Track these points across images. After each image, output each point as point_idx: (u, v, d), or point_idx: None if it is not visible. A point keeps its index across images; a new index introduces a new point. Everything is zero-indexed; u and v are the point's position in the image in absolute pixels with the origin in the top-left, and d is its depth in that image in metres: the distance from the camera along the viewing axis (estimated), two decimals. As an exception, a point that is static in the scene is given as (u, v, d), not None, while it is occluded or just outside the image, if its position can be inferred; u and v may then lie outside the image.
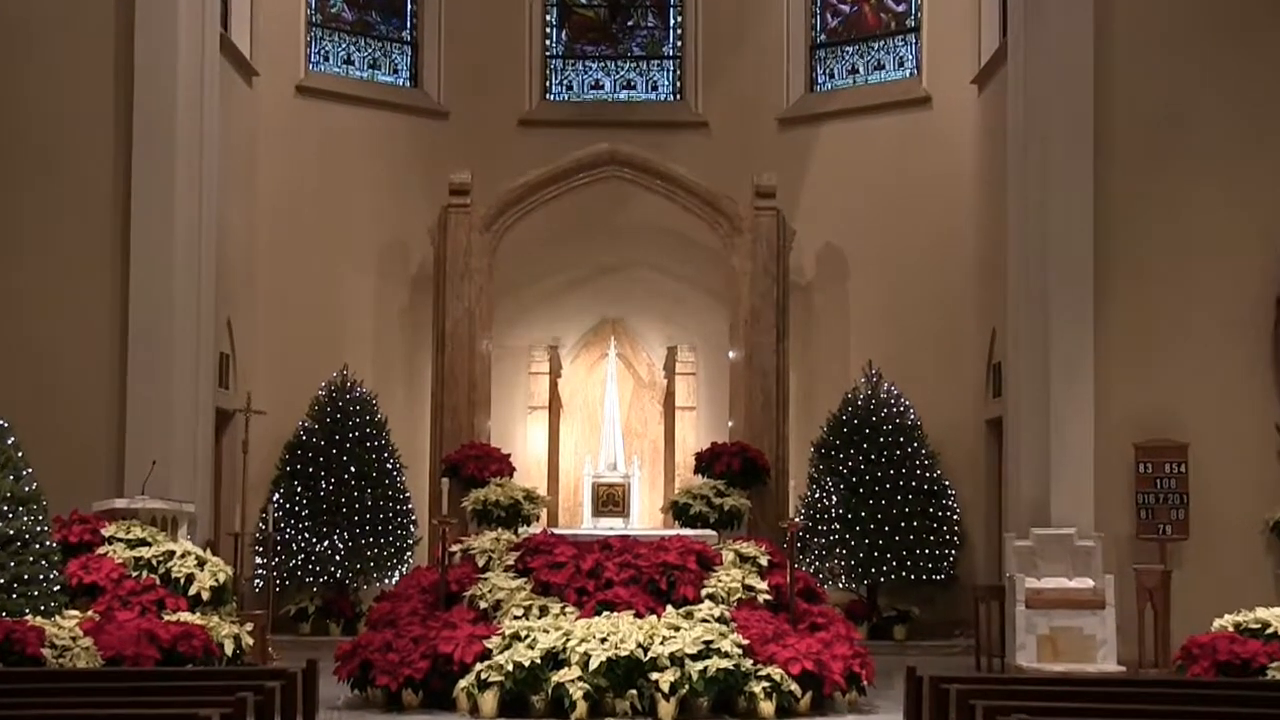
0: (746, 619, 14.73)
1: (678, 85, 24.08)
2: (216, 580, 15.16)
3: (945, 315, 21.62)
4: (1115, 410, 17.58)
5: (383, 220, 22.52)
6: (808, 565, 20.28)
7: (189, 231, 18.04)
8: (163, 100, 17.83)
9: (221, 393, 19.73)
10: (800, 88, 23.46)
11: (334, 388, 21.19)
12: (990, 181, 20.36)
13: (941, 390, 21.34)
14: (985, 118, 20.99)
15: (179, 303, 17.83)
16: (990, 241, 20.27)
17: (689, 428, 22.15)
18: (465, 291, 21.22)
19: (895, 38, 22.95)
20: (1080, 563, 16.89)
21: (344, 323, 22.24)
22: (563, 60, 24.20)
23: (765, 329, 21.17)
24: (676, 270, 22.87)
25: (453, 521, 18.27)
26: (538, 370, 22.39)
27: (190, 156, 18.09)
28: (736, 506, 20.02)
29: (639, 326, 23.02)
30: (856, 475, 20.61)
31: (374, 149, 22.62)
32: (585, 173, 21.74)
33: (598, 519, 20.33)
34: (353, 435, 20.88)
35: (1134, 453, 17.58)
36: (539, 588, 15.39)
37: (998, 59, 20.13)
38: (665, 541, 16.06)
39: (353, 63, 23.13)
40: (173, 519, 16.25)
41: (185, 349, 17.91)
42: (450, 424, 21.03)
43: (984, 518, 20.78)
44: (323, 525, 20.52)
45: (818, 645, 14.46)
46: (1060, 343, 17.61)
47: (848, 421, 20.95)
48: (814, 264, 22.80)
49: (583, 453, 21.79)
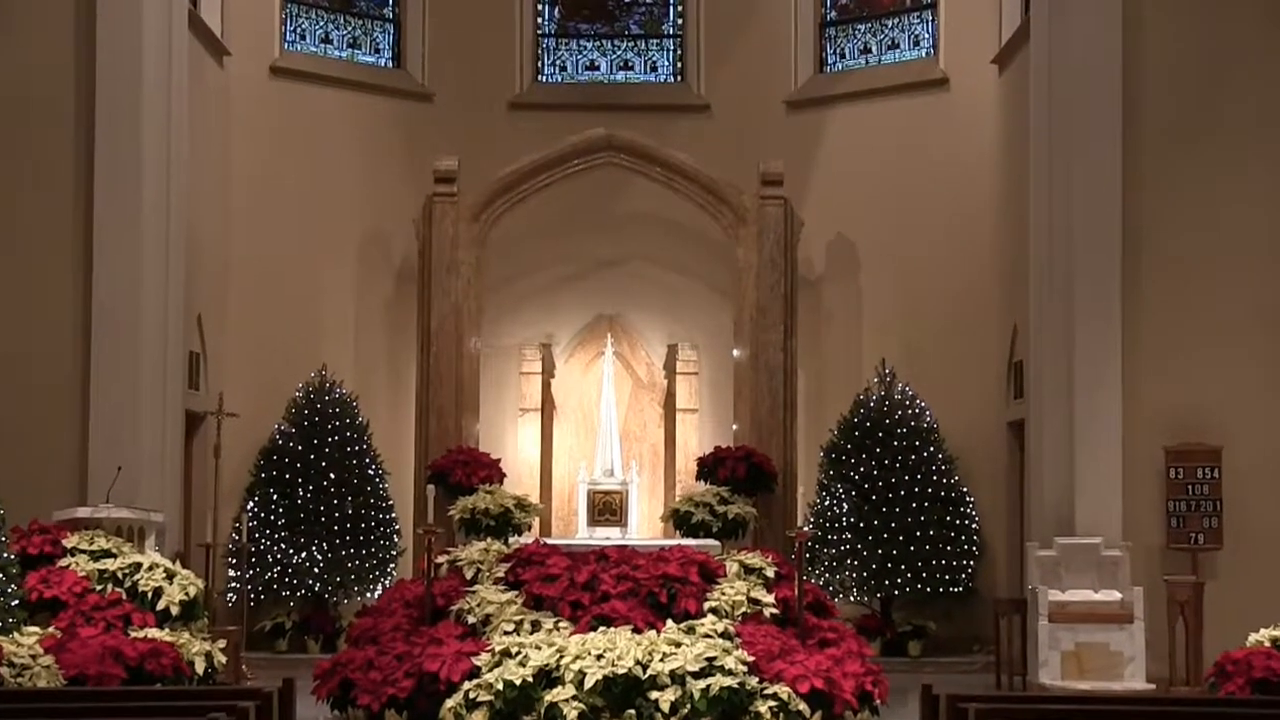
0: (752, 634, 14.73)
1: (678, 66, 24.07)
2: (186, 594, 15.16)
3: (963, 311, 21.62)
4: (1144, 412, 17.58)
5: (363, 210, 22.52)
6: (817, 577, 20.28)
7: (156, 222, 18.04)
8: (127, 82, 17.81)
9: (191, 394, 19.72)
10: (809, 68, 23.46)
11: (312, 389, 21.19)
12: (1011, 168, 20.37)
13: (959, 391, 21.34)
14: (1006, 100, 20.98)
15: (146, 298, 17.81)
16: (1011, 232, 20.28)
17: (690, 431, 22.15)
18: (452, 286, 21.22)
19: (910, 15, 22.94)
20: (1107, 574, 16.88)
21: (322, 320, 22.24)
22: (555, 39, 24.19)
23: (772, 326, 21.19)
24: (677, 263, 22.88)
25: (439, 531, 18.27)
26: (529, 370, 22.36)
27: (157, 143, 18.08)
28: (741, 515, 20.07)
29: (637, 323, 23.03)
30: (869, 481, 20.62)
31: (354, 134, 22.62)
32: (580, 159, 21.75)
33: (593, 528, 20.35)
34: (332, 440, 20.88)
35: (1164, 457, 17.59)
36: (531, 601, 15.40)
37: (1020, 37, 20.12)
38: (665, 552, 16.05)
39: (331, 41, 23.11)
40: (140, 529, 16.26)
41: (152, 347, 17.89)
42: (436, 427, 21.04)
43: (1005, 526, 20.80)
44: (300, 535, 20.52)
45: (828, 662, 14.46)
46: (1086, 340, 17.62)
47: (860, 424, 20.96)
48: (824, 256, 22.81)
49: (577, 458, 21.78)
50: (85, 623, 14.42)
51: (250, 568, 20.12)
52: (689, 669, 13.93)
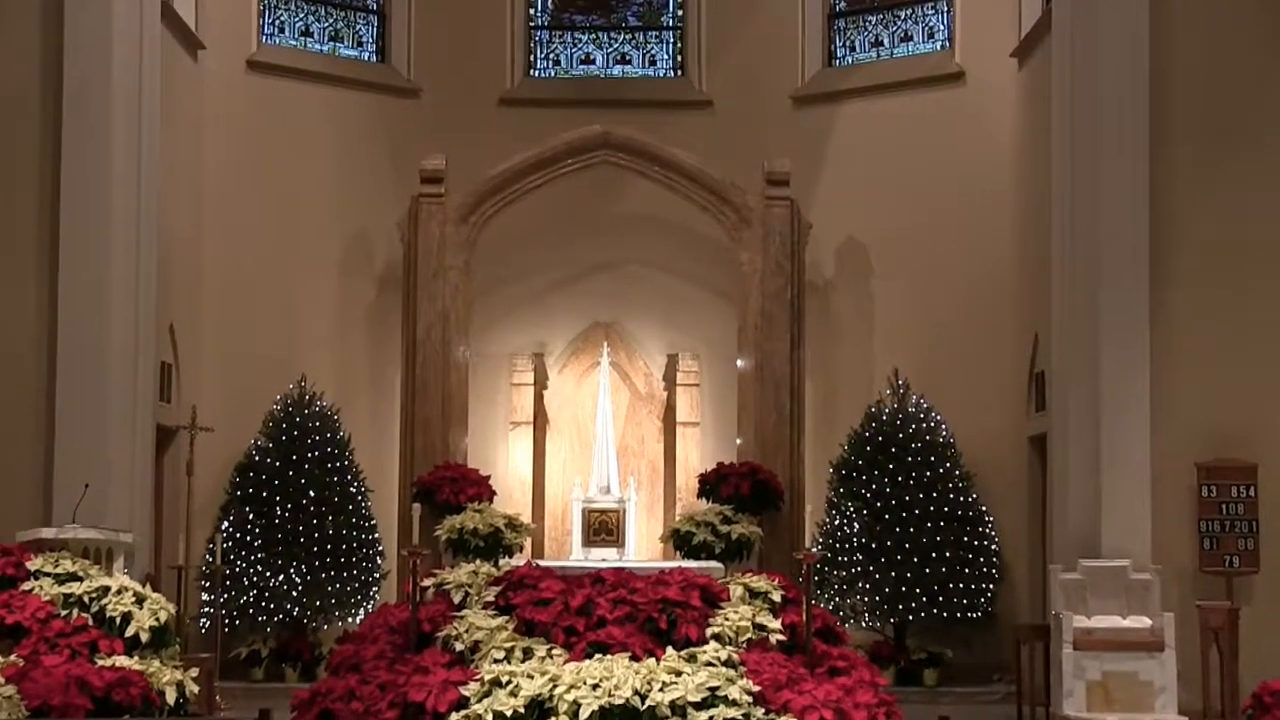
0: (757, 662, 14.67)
1: (679, 59, 24.04)
2: (157, 620, 15.06)
3: (981, 318, 21.60)
4: (1175, 425, 17.53)
5: (345, 212, 22.50)
6: (826, 601, 20.22)
7: (126, 225, 18.00)
8: (96, 77, 17.78)
9: (163, 407, 19.68)
10: (817, 62, 23.44)
11: (290, 401, 21.15)
12: (1032, 168, 20.33)
13: (977, 403, 21.30)
14: (1027, 96, 20.96)
15: (114, 305, 17.78)
16: (1032, 235, 20.24)
17: (692, 446, 22.13)
18: (439, 292, 21.22)
19: (925, 5, 22.91)
20: (1136, 599, 16.84)
21: (302, 328, 22.20)
22: (548, 31, 24.17)
23: (778, 334, 21.17)
24: (677, 268, 22.85)
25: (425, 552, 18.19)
26: (521, 381, 22.37)
27: (127, 141, 18.06)
28: (745, 535, 20.03)
29: (635, 331, 23.01)
30: (881, 500, 20.57)
31: (335, 132, 22.59)
32: (574, 158, 21.75)
33: (589, 549, 20.42)
34: (312, 455, 20.83)
35: (1196, 473, 17.55)
36: (522, 627, 15.33)
37: (1041, 29, 20.10)
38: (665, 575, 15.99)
39: (311, 34, 23.09)
40: (107, 550, 16.09)
41: (121, 357, 17.85)
42: (422, 442, 21.03)
43: (1026, 548, 20.74)
44: (278, 557, 20.45)
45: (838, 692, 14.38)
46: (1112, 349, 17.56)
47: (871, 439, 20.91)
48: (833, 261, 22.78)
49: (572, 474, 21.79)
50: (49, 650, 14.30)
51: (225, 591, 20.00)
52: (690, 699, 13.85)
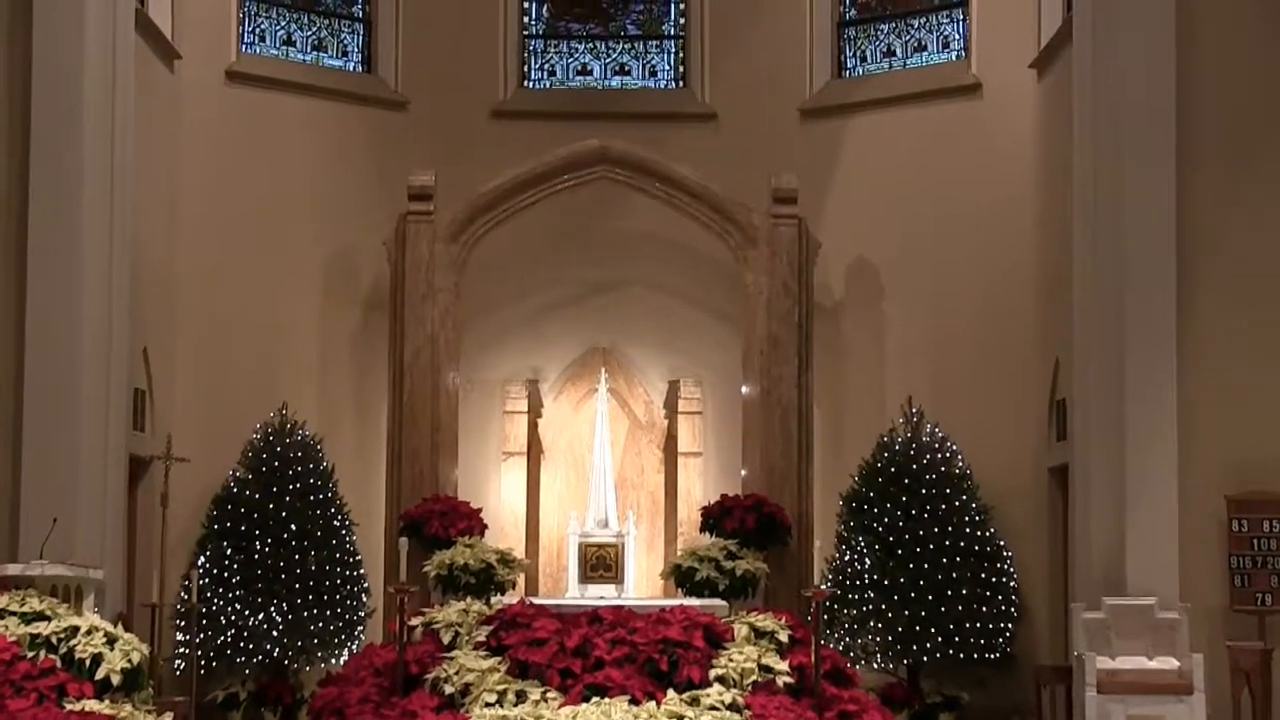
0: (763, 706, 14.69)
1: (680, 70, 24.05)
2: (129, 661, 15.04)
3: (999, 343, 21.58)
4: (1204, 456, 17.53)
5: (329, 230, 22.47)
6: (836, 642, 20.19)
7: (97, 244, 17.97)
8: (66, 89, 17.75)
9: (136, 436, 19.63)
10: (826, 73, 23.46)
11: (271, 430, 21.10)
12: (1052, 184, 20.32)
13: (995, 432, 21.28)
14: (1046, 108, 20.96)
15: (85, 329, 17.73)
16: (1053, 255, 20.23)
17: (694, 477, 22.11)
18: (427, 315, 21.20)
19: (939, 14, 22.94)
20: (1162, 639, 16.83)
21: (283, 353, 22.16)
22: (544, 40, 24.18)
23: (785, 359, 21.16)
24: (679, 289, 22.85)
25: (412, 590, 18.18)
26: (514, 409, 22.33)
27: (99, 156, 18.03)
28: (751, 571, 20.01)
29: (635, 356, 22.98)
30: (894, 534, 20.52)
31: (319, 146, 22.58)
32: (571, 174, 21.75)
33: (585, 586, 20.35)
34: (293, 487, 20.77)
35: (1226, 507, 17.53)
36: (516, 669, 15.37)
37: (1061, 38, 20.09)
38: (666, 613, 16.05)
39: (294, 44, 23.09)
40: (77, 588, 16.11)
41: (92, 384, 17.80)
42: (410, 473, 21.00)
43: (1047, 585, 20.70)
44: (257, 594, 20.37)
45: (849, 738, 14.39)
46: (1137, 375, 17.56)
47: (883, 469, 20.88)
48: (842, 282, 22.77)
49: (568, 507, 21.73)
50: (15, 694, 14.29)
51: (201, 631, 19.96)
52: (694, 746, 13.86)
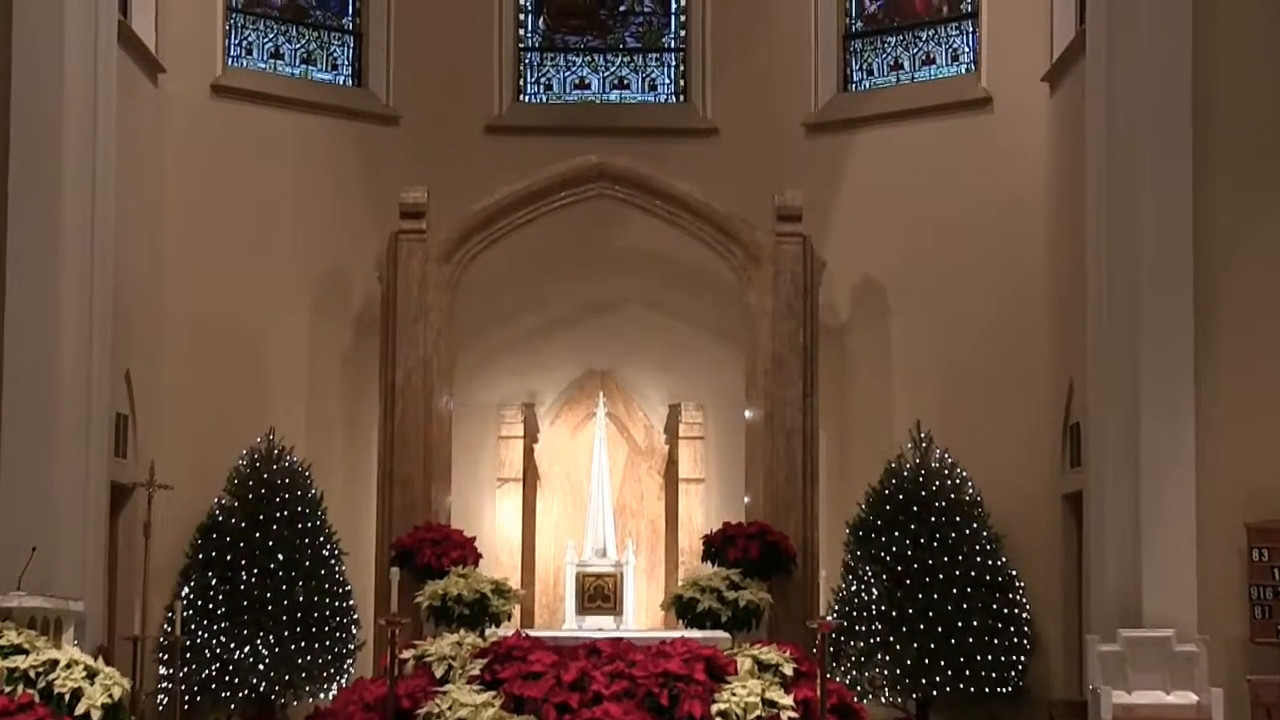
0: (768, 743, 14.62)
1: (681, 84, 24.05)
2: (110, 696, 15.04)
3: (1011, 365, 21.56)
4: (1222, 483, 17.49)
5: (318, 249, 22.48)
6: (843, 675, 20.16)
7: (77, 264, 17.94)
8: (46, 103, 17.74)
9: (118, 463, 19.61)
10: (831, 87, 23.47)
11: (258, 456, 21.08)
12: (1065, 201, 20.31)
13: (1007, 458, 21.24)
14: (1059, 122, 20.94)
15: (64, 352, 17.69)
16: (1066, 274, 20.22)
17: (695, 504, 22.12)
18: (420, 337, 21.18)
19: (948, 26, 22.96)
20: (1180, 672, 16.80)
21: (270, 376, 22.16)
22: (540, 53, 24.21)
23: (789, 382, 21.14)
24: (680, 310, 22.85)
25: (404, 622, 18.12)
26: (509, 434, 22.36)
27: (81, 171, 18.01)
28: (754, 602, 19.96)
29: (634, 380, 22.99)
30: (902, 563, 20.47)
31: (308, 162, 22.58)
32: (568, 191, 21.77)
33: (583, 618, 20.41)
34: (280, 515, 20.75)
35: (1246, 535, 17.47)
36: (511, 704, 15.33)
37: (1074, 50, 20.08)
38: (666, 646, 16.02)
39: (282, 57, 23.10)
40: (56, 620, 16.17)
41: (72, 408, 17.76)
42: (401, 501, 20.98)
43: (1060, 616, 20.66)
44: (243, 626, 20.35)
45: (856, 776, 14.33)
46: (1153, 399, 17.52)
47: (891, 497, 20.84)
48: (848, 302, 22.76)
49: (565, 536, 21.73)
50: (-9, 731, 14.26)
51: (185, 664, 19.94)
52: (695, 785, 13.80)
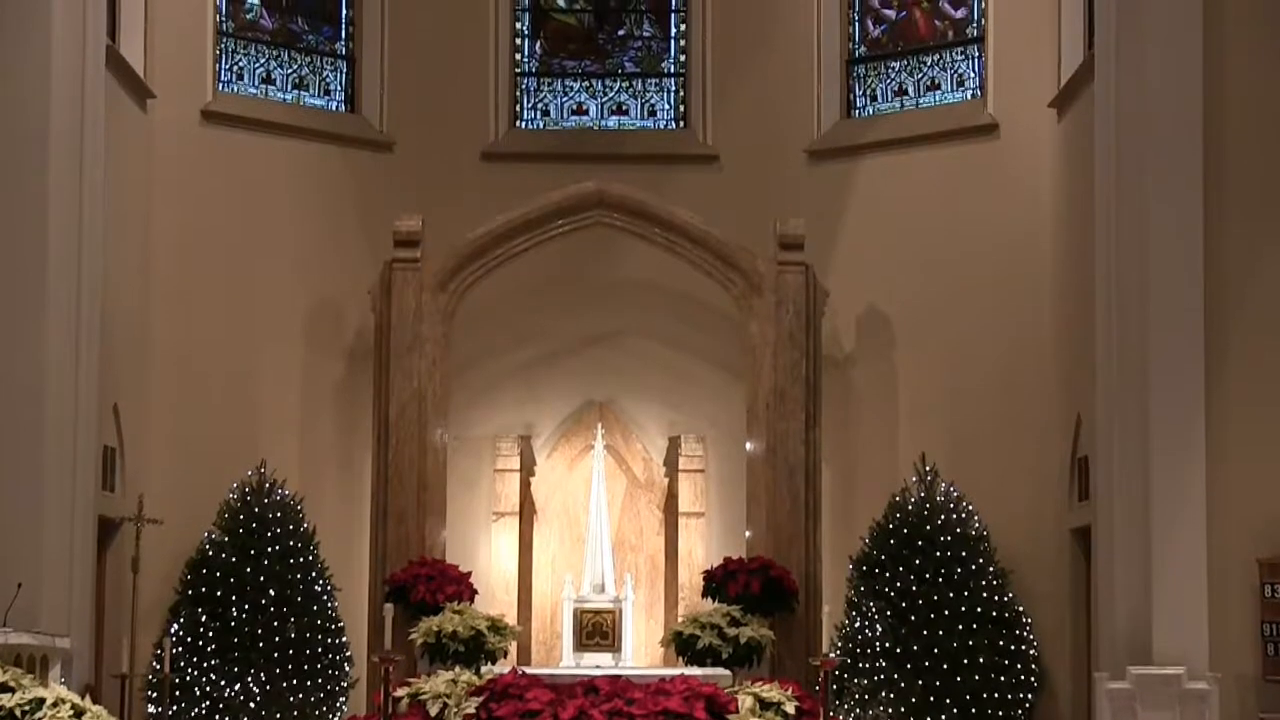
0: (769, 784, 14.61)
1: (681, 110, 24.09)
2: (97, 735, 14.99)
3: (1018, 397, 21.58)
4: (1234, 517, 17.47)
5: (310, 278, 22.50)
6: (846, 713, 20.14)
7: (65, 294, 17.94)
8: (32, 129, 17.74)
9: (106, 497, 19.57)
10: (835, 112, 23.49)
11: (248, 490, 21.08)
12: (1073, 229, 20.32)
13: (1013, 492, 21.26)
14: (1067, 149, 20.97)
15: (51, 384, 17.69)
16: (1074, 304, 20.22)
17: (696, 539, 22.08)
18: (414, 367, 21.19)
19: (954, 51, 22.98)
20: (1191, 711, 16.77)
21: (261, 408, 22.16)
22: (537, 78, 24.24)
23: (792, 414, 21.15)
24: (680, 341, 22.87)
25: (398, 659, 18.13)
26: (505, 467, 22.33)
27: (68, 200, 18.00)
28: (756, 639, 19.99)
29: (633, 411, 22.98)
30: (907, 599, 20.47)
31: (300, 189, 22.60)
32: (565, 219, 21.77)
33: (581, 655, 20.32)
34: (272, 550, 20.75)
35: (1259, 571, 17.46)
36: (506, 744, 15.28)
37: (1082, 76, 20.12)
38: (666, 684, 16.00)
39: (273, 82, 23.12)
40: (43, 657, 16.11)
41: (59, 441, 17.76)
42: (395, 535, 20.98)
43: (1069, 653, 20.67)
44: (233, 664, 20.34)
45: (860, 817, 14.32)
46: (1163, 432, 17.51)
47: (896, 531, 20.85)
48: (852, 332, 22.77)
49: (562, 571, 21.67)
50: (-25, 771, 14.24)
51: (174, 703, 19.90)
52: (695, 826, 13.79)
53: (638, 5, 24.38)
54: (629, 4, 24.39)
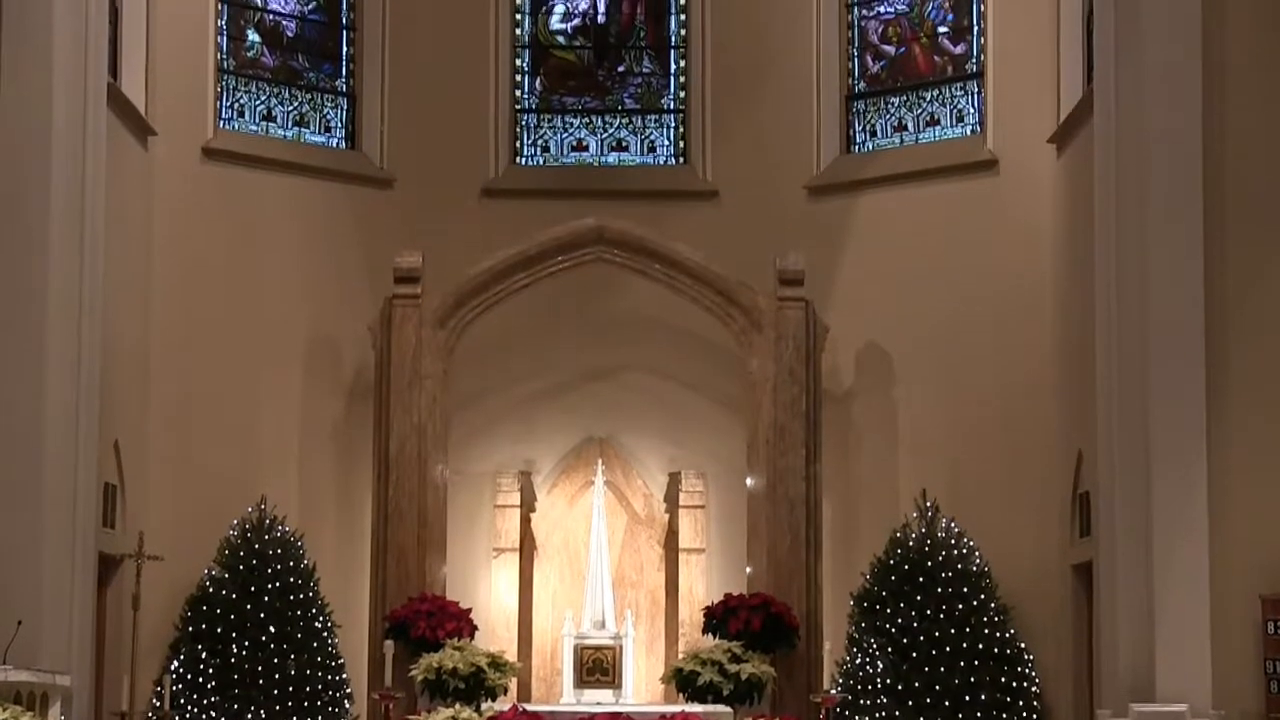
0: (771, 822, 14.56)
1: (681, 146, 24.09)
2: (96, 774, 14.95)
3: (1018, 433, 21.54)
4: (1236, 553, 17.40)
5: (310, 315, 22.48)
6: (848, 750, 20.06)
7: (64, 331, 17.89)
8: (34, 166, 17.72)
9: (106, 534, 19.54)
10: (834, 148, 23.48)
11: (249, 526, 21.04)
12: (1073, 265, 20.31)
13: (1015, 528, 21.21)
14: (1066, 185, 20.97)
15: (51, 420, 17.64)
16: (1074, 339, 20.19)
17: (696, 575, 22.03)
18: (414, 404, 21.18)
19: (953, 86, 22.99)
20: (1195, 749, 16.70)
21: (261, 444, 22.12)
22: (537, 115, 24.23)
23: (792, 450, 21.13)
24: (680, 376, 22.82)
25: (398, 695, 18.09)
26: (505, 503, 22.27)
27: (68, 237, 17.97)
28: (757, 675, 19.95)
29: (633, 447, 22.95)
30: (908, 635, 20.42)
31: (300, 225, 22.59)
32: (565, 255, 21.79)
33: (581, 691, 20.30)
34: (272, 586, 20.70)
35: (1262, 607, 17.37)
36: (507, 782, 15.23)
37: (1082, 111, 20.13)
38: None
39: (274, 119, 23.12)
40: (43, 695, 16.05)
41: (59, 478, 17.70)
42: (395, 571, 20.96)
43: (1071, 690, 20.59)
44: (234, 700, 20.28)
45: None
46: (1165, 467, 17.45)
47: (897, 567, 20.79)
48: (852, 367, 22.74)
49: (562, 607, 21.63)
50: (-26, 810, 14.18)
51: (174, 740, 19.83)
52: None
53: (637, 42, 24.38)
54: (629, 40, 24.39)
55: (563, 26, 24.39)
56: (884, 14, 23.56)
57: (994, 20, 22.43)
